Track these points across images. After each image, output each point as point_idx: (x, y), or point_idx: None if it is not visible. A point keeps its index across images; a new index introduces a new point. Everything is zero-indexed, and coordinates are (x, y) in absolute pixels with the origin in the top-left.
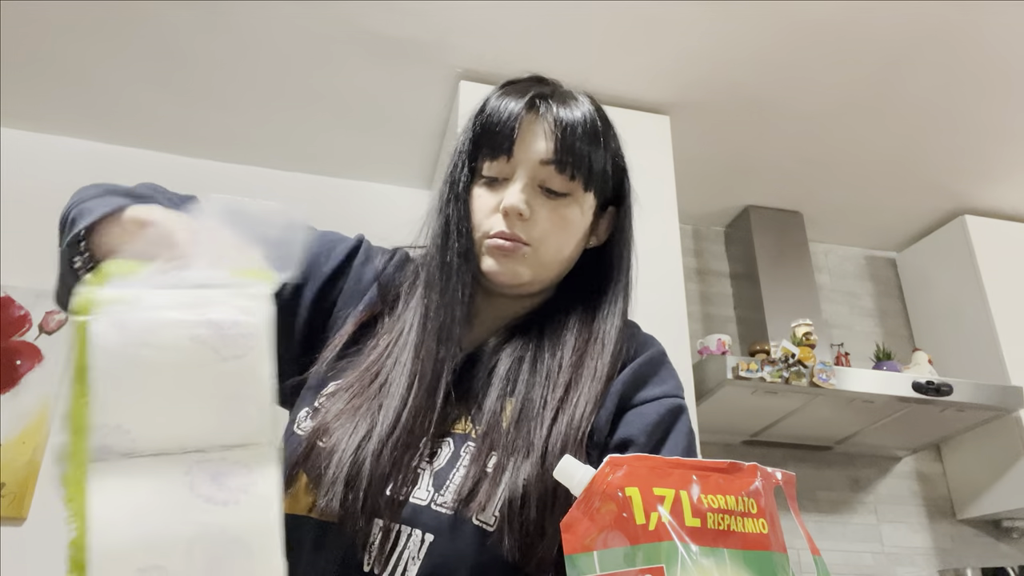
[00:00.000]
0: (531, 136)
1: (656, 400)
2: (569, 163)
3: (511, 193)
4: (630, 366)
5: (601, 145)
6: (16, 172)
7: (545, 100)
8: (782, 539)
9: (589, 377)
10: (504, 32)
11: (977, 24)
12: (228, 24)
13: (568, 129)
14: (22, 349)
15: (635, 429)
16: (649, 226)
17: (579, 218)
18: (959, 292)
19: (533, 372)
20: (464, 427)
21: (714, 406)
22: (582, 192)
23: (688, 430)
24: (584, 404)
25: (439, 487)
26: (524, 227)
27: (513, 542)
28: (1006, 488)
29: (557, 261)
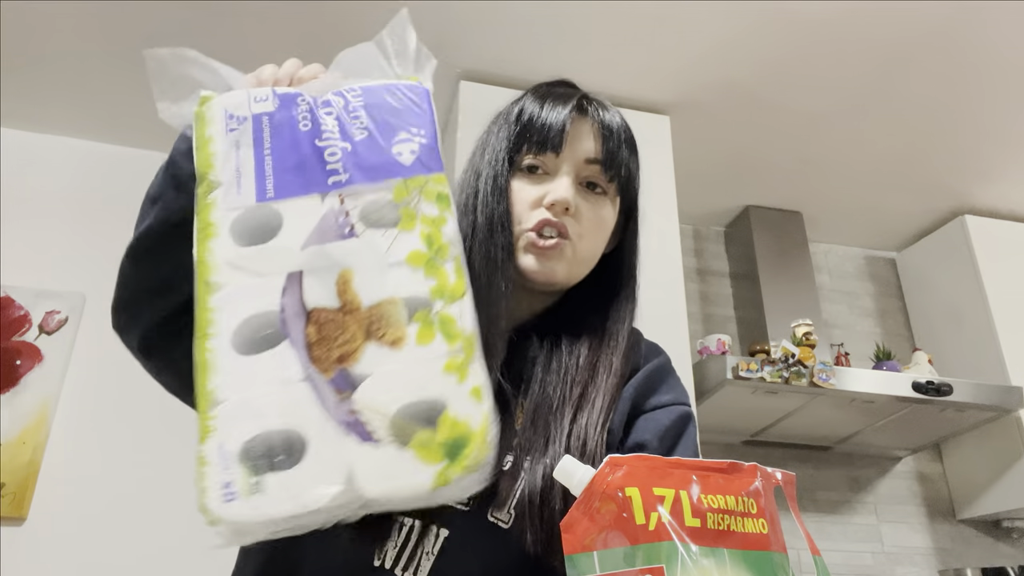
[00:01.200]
0: (580, 135)
1: (667, 407)
2: (612, 164)
3: (561, 186)
4: (642, 371)
5: (635, 153)
6: (16, 172)
7: (591, 103)
8: (782, 539)
9: (606, 373)
10: (504, 32)
11: (977, 24)
12: (228, 24)
13: (613, 132)
14: (22, 349)
15: (648, 434)
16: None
17: (612, 218)
18: (959, 292)
19: (548, 371)
20: None
21: (714, 406)
22: (616, 194)
23: (695, 439)
24: (603, 399)
25: None
26: (568, 220)
27: (535, 537)
28: (1006, 488)
29: (590, 259)
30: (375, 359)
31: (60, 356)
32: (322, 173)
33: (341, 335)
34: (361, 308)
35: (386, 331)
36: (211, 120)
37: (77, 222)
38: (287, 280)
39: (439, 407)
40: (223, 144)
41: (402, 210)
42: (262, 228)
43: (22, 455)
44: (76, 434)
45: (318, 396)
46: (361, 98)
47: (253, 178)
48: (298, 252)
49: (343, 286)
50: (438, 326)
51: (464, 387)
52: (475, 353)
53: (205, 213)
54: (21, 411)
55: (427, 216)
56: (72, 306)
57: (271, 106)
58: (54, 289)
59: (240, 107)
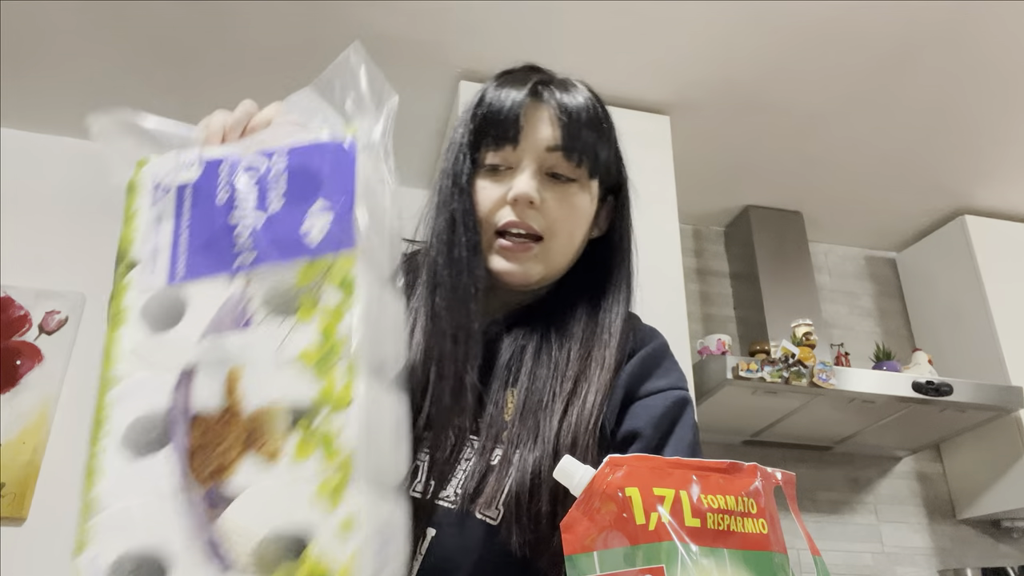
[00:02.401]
0: (536, 123)
1: (662, 392)
2: (576, 149)
3: (520, 181)
4: (635, 357)
5: (604, 132)
6: (16, 172)
7: (547, 87)
8: (782, 539)
9: (598, 368)
10: (504, 32)
11: (977, 24)
12: (228, 24)
13: (573, 115)
14: (22, 349)
15: (642, 421)
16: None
17: (587, 205)
18: (959, 292)
19: (538, 363)
20: (466, 421)
21: (714, 406)
22: (588, 179)
23: (693, 423)
24: (595, 395)
25: (441, 481)
26: (534, 216)
27: (521, 536)
28: (1006, 488)
29: (568, 251)
30: (251, 473)
31: (60, 356)
32: (231, 251)
33: (221, 444)
34: (244, 413)
35: (265, 441)
36: (140, 190)
37: (77, 222)
38: (180, 376)
39: (305, 538)
40: (146, 218)
41: (303, 297)
42: (168, 314)
43: (22, 455)
44: (76, 434)
45: (190, 512)
46: (286, 159)
47: (168, 256)
48: (195, 343)
49: (231, 385)
50: (319, 439)
51: (334, 517)
52: (354, 474)
53: (120, 297)
54: (21, 411)
55: (327, 305)
56: (72, 306)
57: (196, 173)
58: (54, 289)
59: (167, 175)
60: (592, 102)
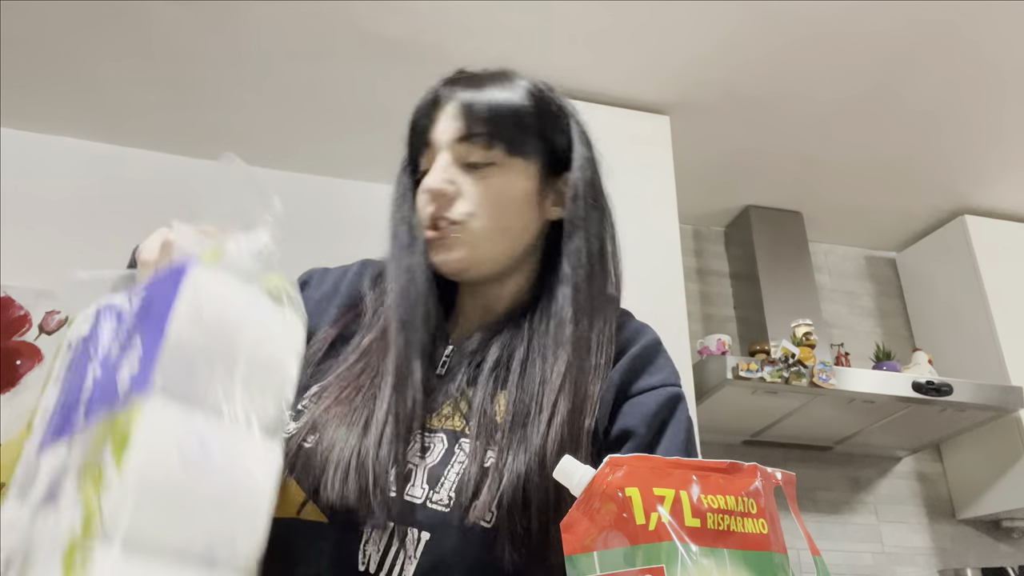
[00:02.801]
0: (442, 121)
1: (654, 389)
2: (481, 133)
3: (428, 176)
4: (627, 355)
5: (523, 110)
6: (16, 172)
7: (451, 86)
8: (782, 539)
9: (585, 369)
10: (503, 32)
11: (977, 24)
12: (228, 24)
13: (475, 103)
14: (22, 349)
15: (634, 420)
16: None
17: (512, 185)
18: (959, 292)
19: (525, 366)
20: (457, 423)
21: (714, 406)
22: (507, 157)
23: (686, 419)
24: (583, 401)
25: (434, 484)
26: (452, 205)
27: (512, 542)
28: (1006, 488)
29: (496, 233)
30: None
31: None
32: (76, 410)
33: None
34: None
35: None
36: (59, 351)
37: (77, 222)
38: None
39: None
40: (51, 378)
41: (87, 462)
42: (28, 484)
43: None
44: None
45: None
46: (141, 295)
47: (47, 419)
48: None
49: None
50: None
51: None
52: None
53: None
54: (21, 411)
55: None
56: None
57: (89, 325)
58: (54, 289)
59: (74, 331)
60: (511, 88)
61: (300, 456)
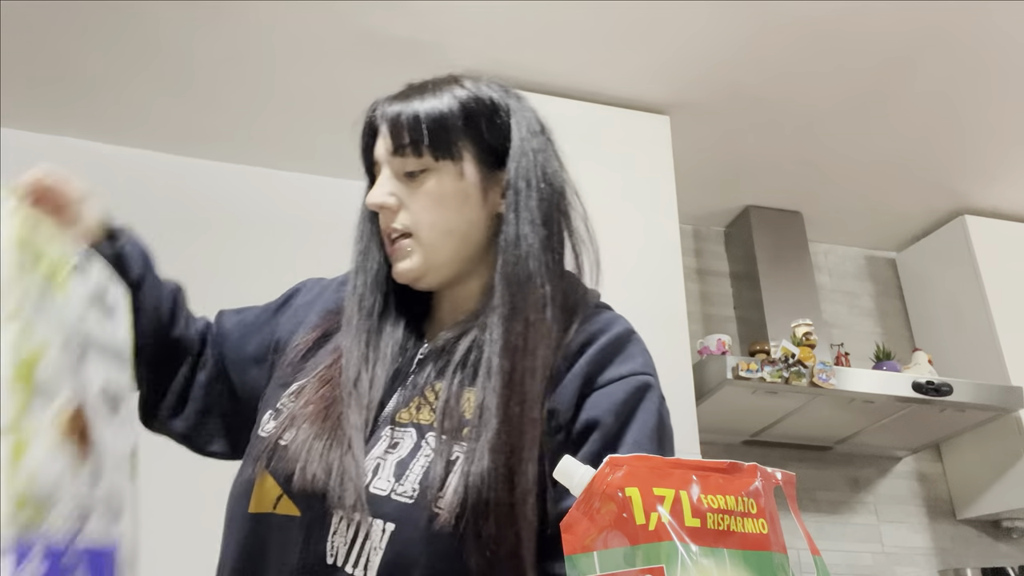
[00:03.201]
0: (380, 139)
1: (623, 379)
2: (407, 143)
3: (370, 192)
4: (594, 345)
5: (446, 113)
6: (16, 172)
7: (384, 104)
8: (782, 539)
9: (532, 354)
10: (503, 32)
11: (977, 24)
12: (228, 24)
13: (400, 116)
14: None
15: (600, 410)
16: (649, 226)
17: (447, 187)
18: (959, 292)
19: (484, 360)
20: (426, 417)
21: (714, 406)
22: (436, 162)
23: (657, 408)
24: (531, 388)
25: (399, 476)
26: (399, 216)
27: (477, 536)
28: (1006, 488)
29: (444, 237)
30: None
31: None
32: None
33: None
34: None
35: None
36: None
37: None
38: None
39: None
40: None
41: None
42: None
43: None
44: None
45: None
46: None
47: None
48: None
49: None
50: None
51: None
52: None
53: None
54: None
55: None
56: None
57: None
58: None
59: None
60: (438, 96)
61: (277, 451)
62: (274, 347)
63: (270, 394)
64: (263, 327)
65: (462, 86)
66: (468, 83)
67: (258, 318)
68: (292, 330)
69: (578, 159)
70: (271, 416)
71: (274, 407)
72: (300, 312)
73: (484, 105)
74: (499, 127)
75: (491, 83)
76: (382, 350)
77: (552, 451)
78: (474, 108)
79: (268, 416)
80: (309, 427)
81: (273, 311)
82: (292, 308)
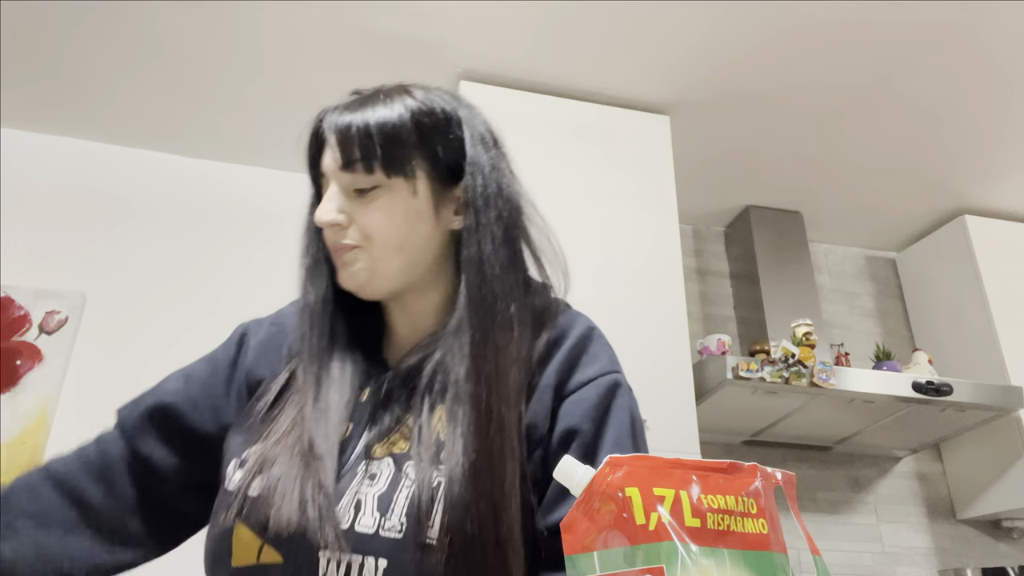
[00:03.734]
0: (327, 153)
1: (592, 381)
2: (358, 159)
3: (318, 209)
4: (559, 352)
5: (398, 129)
6: (16, 172)
7: (332, 113)
8: (782, 539)
9: (503, 379)
10: (504, 32)
11: (977, 24)
12: (228, 24)
13: (350, 128)
14: (22, 349)
15: (576, 417)
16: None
17: (398, 205)
18: (959, 292)
19: (452, 383)
20: (402, 447)
21: (714, 406)
22: (388, 179)
23: (628, 405)
24: (504, 408)
25: (384, 511)
26: (346, 233)
27: (467, 558)
28: (1006, 488)
29: (392, 252)
30: None
31: (60, 356)
32: None
33: None
34: None
35: None
36: None
37: (77, 222)
38: None
39: None
40: None
41: None
42: None
43: (22, 455)
44: (76, 434)
45: None
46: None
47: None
48: None
49: None
50: None
51: None
52: None
53: None
54: (21, 411)
55: None
56: (72, 306)
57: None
58: (54, 289)
59: None
60: (387, 108)
61: (247, 502)
62: (246, 392)
63: (233, 442)
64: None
65: (412, 96)
66: (418, 93)
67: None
68: (255, 368)
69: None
70: (236, 466)
71: (239, 456)
72: (261, 353)
73: (436, 118)
74: (452, 141)
75: (442, 93)
76: (341, 378)
77: (534, 469)
78: (426, 122)
79: (233, 467)
80: (276, 470)
81: (230, 364)
82: (249, 350)
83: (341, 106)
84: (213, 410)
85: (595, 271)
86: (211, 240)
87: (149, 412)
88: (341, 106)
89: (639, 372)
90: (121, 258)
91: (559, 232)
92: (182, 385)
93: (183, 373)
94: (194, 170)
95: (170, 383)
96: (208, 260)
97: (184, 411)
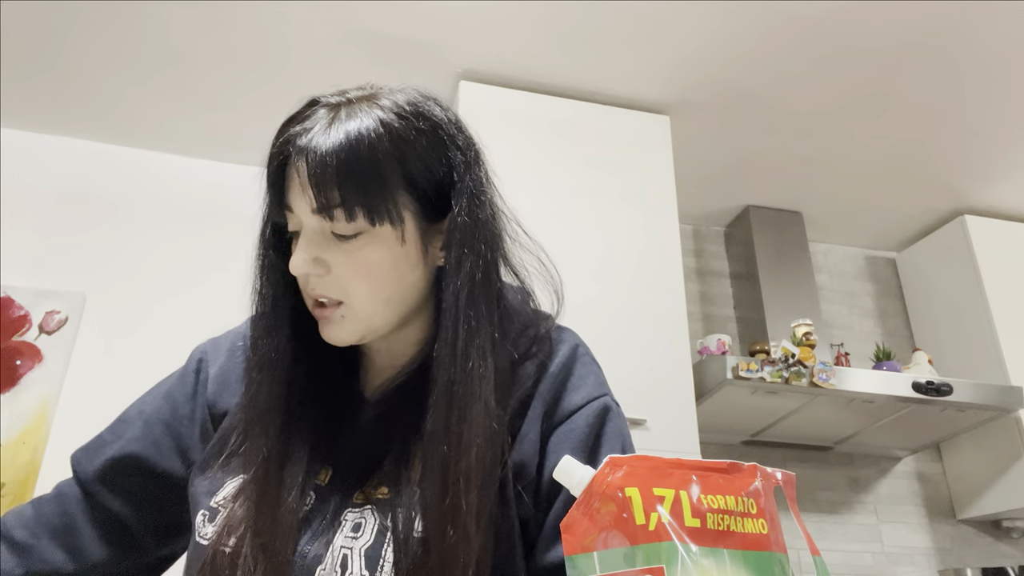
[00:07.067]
0: (295, 185)
1: (580, 410)
2: (336, 205)
3: (293, 256)
4: (544, 380)
5: (380, 164)
6: (16, 172)
7: (295, 141)
8: (782, 539)
9: (481, 415)
10: (504, 32)
11: (977, 24)
12: (227, 24)
13: (324, 169)
14: (22, 349)
15: (567, 450)
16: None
17: (387, 253)
18: (959, 292)
19: (427, 421)
20: (383, 492)
21: (714, 406)
22: (372, 228)
23: (619, 429)
24: (485, 447)
25: (373, 569)
26: (325, 283)
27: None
28: (1006, 488)
29: (380, 304)
30: None
31: (60, 356)
32: None
33: None
34: None
35: None
36: None
37: (77, 222)
38: None
39: None
40: None
41: None
42: None
43: (22, 455)
44: (76, 434)
45: None
46: None
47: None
48: None
49: None
50: None
51: None
52: None
53: None
54: (21, 411)
55: None
56: (72, 306)
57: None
58: (54, 289)
59: None
60: (360, 134)
61: (218, 563)
62: (211, 424)
63: (199, 488)
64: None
65: (383, 109)
66: (386, 101)
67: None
68: (218, 400)
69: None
70: (204, 519)
71: (208, 507)
72: (222, 382)
73: (421, 142)
74: (433, 163)
75: (411, 98)
76: (311, 419)
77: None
78: (411, 151)
79: (202, 519)
80: (246, 527)
81: (189, 398)
82: (209, 381)
83: (306, 128)
84: (179, 451)
85: (595, 271)
86: (211, 240)
87: (111, 463)
88: (306, 128)
89: (639, 372)
90: (121, 258)
91: (559, 232)
92: (142, 431)
93: (141, 416)
94: (194, 170)
95: (129, 429)
96: (208, 260)
97: (149, 458)
